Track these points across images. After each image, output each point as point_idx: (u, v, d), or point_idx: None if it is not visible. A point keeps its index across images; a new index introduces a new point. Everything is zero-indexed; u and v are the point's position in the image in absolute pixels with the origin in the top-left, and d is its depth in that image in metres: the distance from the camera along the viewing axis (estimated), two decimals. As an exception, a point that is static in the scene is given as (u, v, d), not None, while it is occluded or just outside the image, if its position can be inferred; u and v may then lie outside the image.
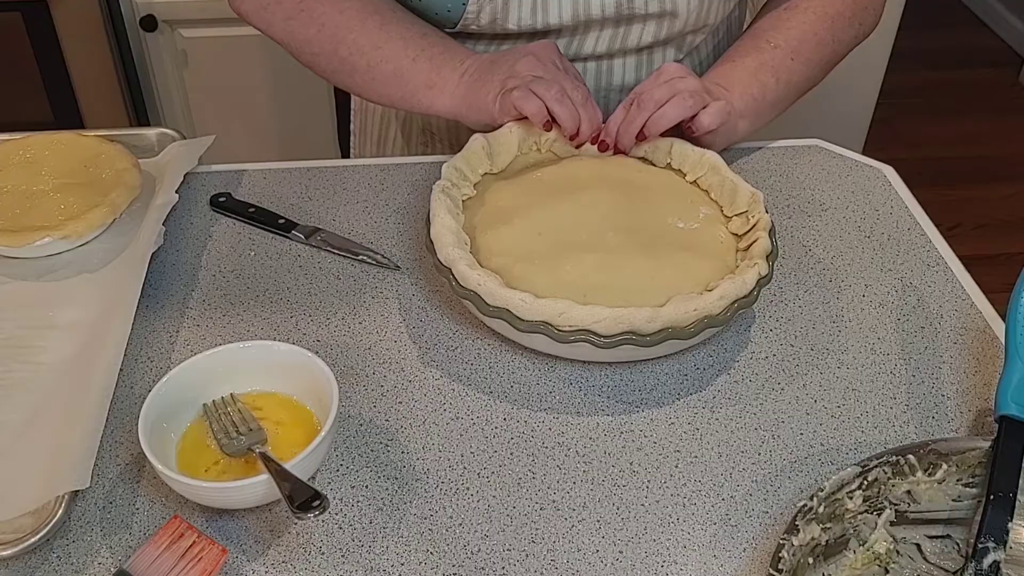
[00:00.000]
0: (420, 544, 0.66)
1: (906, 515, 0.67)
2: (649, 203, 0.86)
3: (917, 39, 3.00)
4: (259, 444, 0.68)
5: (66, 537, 0.66)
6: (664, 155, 0.91)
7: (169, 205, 0.90)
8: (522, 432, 0.74)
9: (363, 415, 0.75)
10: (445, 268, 0.79)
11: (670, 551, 0.66)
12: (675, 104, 0.87)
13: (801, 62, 0.97)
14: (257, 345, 0.74)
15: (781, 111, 1.00)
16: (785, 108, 1.01)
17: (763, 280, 0.78)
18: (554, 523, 0.68)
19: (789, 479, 0.71)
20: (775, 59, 0.96)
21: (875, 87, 2.17)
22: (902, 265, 0.90)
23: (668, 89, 0.88)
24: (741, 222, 0.84)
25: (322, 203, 0.97)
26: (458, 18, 0.94)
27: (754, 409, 0.76)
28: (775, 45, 0.96)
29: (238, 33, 1.86)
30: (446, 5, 0.93)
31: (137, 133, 1.03)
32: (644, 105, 0.88)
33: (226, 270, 0.89)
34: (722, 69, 0.97)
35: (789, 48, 0.96)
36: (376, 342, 0.81)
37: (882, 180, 1.01)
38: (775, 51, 0.96)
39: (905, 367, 0.80)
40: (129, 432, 0.73)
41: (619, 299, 0.75)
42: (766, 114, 0.97)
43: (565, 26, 0.95)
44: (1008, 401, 0.68)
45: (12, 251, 0.87)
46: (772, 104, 0.97)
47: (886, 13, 1.84)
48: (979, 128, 2.95)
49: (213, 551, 0.62)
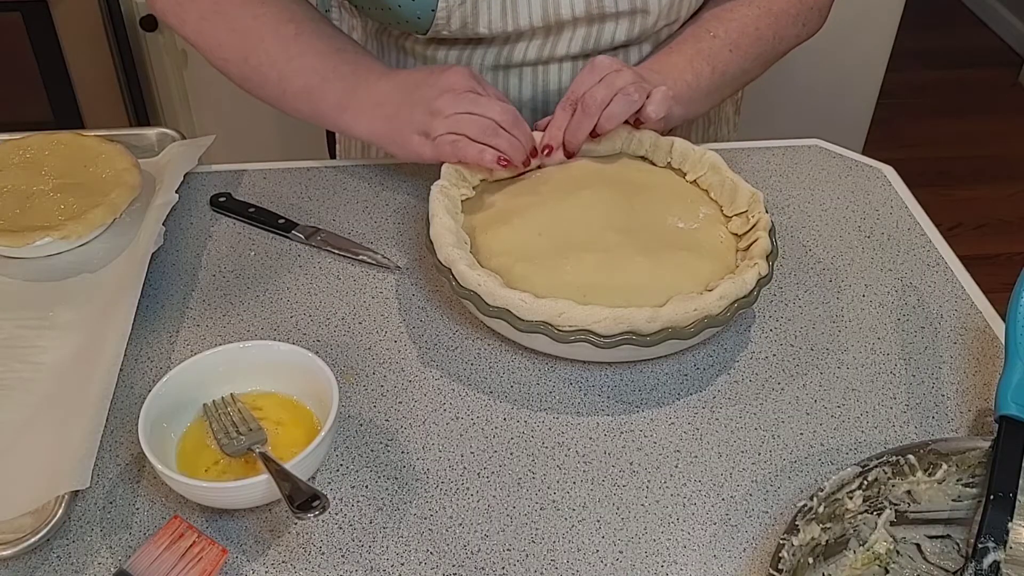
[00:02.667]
0: (420, 544, 0.66)
1: (906, 515, 0.67)
2: (649, 203, 0.86)
3: (917, 39, 3.00)
4: (259, 444, 0.68)
5: (66, 537, 0.66)
6: (664, 154, 0.91)
7: (169, 205, 0.90)
8: (522, 432, 0.74)
9: (363, 415, 0.75)
10: (445, 268, 0.79)
11: (670, 551, 0.66)
12: (620, 102, 0.86)
13: (739, 54, 0.96)
14: (257, 345, 0.74)
15: (717, 102, 0.99)
16: (721, 100, 1.00)
17: (763, 280, 0.78)
18: (554, 523, 0.68)
19: (789, 479, 0.71)
20: (712, 48, 0.95)
21: (875, 87, 2.17)
22: (902, 265, 0.90)
23: (607, 88, 0.86)
24: (741, 222, 0.84)
25: (322, 203, 0.97)
26: (428, 25, 0.92)
27: (754, 409, 0.76)
28: (714, 35, 0.96)
29: (238, 33, 1.86)
30: (415, 12, 0.91)
31: (137, 133, 1.03)
32: (589, 110, 0.86)
33: (226, 270, 0.89)
34: (658, 56, 0.96)
35: (728, 39, 0.96)
36: (376, 342, 0.81)
37: (882, 180, 1.01)
38: (713, 40, 0.95)
39: (905, 367, 0.80)
40: (129, 432, 0.73)
41: (619, 299, 0.75)
42: (700, 102, 0.96)
43: (536, 28, 0.94)
44: (1008, 401, 0.68)
45: (12, 251, 0.87)
46: (707, 93, 0.95)
47: (886, 13, 1.84)
48: (979, 128, 2.95)
49: (213, 551, 0.62)
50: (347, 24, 1.09)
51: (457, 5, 0.91)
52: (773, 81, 2.06)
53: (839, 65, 2.08)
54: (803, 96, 2.12)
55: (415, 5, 0.91)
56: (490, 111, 0.85)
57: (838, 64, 2.08)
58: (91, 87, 1.92)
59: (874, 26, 2.06)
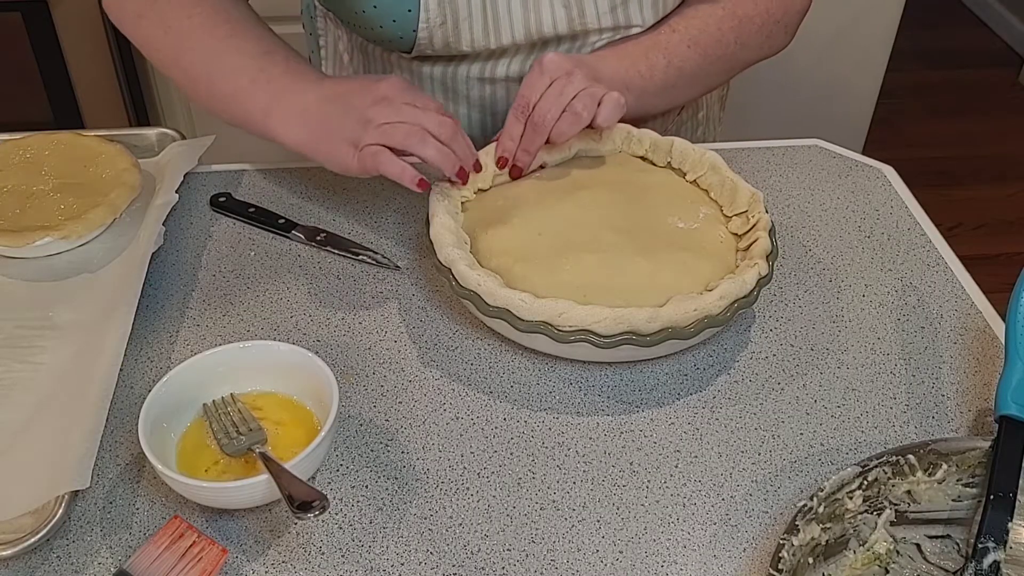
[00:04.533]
0: (420, 544, 0.66)
1: (906, 515, 0.67)
2: (649, 203, 0.86)
3: (917, 39, 3.01)
4: (259, 444, 0.68)
5: (66, 537, 0.66)
6: (664, 154, 0.91)
7: (169, 205, 0.90)
8: (522, 432, 0.74)
9: (363, 415, 0.75)
10: (445, 268, 0.79)
11: (670, 551, 0.66)
12: (568, 120, 0.84)
13: (697, 52, 0.95)
14: (257, 345, 0.74)
15: (674, 101, 0.99)
16: (679, 99, 0.99)
17: (763, 280, 0.78)
18: (554, 523, 0.68)
19: (789, 479, 0.71)
20: (670, 42, 0.94)
21: (875, 87, 2.17)
22: (902, 265, 0.90)
23: (558, 99, 0.84)
24: (741, 222, 0.84)
25: (322, 203, 0.97)
26: (411, 45, 0.92)
27: (754, 409, 0.76)
28: (674, 30, 0.95)
29: (238, 33, 1.86)
30: (397, 33, 0.91)
31: (137, 133, 1.03)
32: (539, 128, 0.84)
33: (226, 270, 0.89)
34: (614, 45, 0.95)
35: (688, 35, 0.94)
36: (376, 342, 0.81)
37: (882, 180, 1.01)
38: (672, 35, 0.94)
39: (905, 367, 0.80)
40: (129, 432, 0.73)
41: (619, 299, 0.75)
42: (654, 95, 0.94)
43: (520, 44, 0.94)
44: (1008, 401, 0.68)
45: (12, 251, 0.87)
46: (661, 87, 0.94)
47: (886, 13, 1.84)
48: (979, 128, 2.95)
49: (213, 551, 0.62)
50: (332, 35, 1.08)
51: (438, 25, 0.90)
52: (773, 81, 2.06)
53: (839, 65, 2.08)
54: (803, 96, 2.12)
55: (396, 26, 0.90)
56: (425, 121, 0.81)
57: (838, 64, 2.08)
58: (91, 87, 1.92)
59: (874, 26, 2.06)
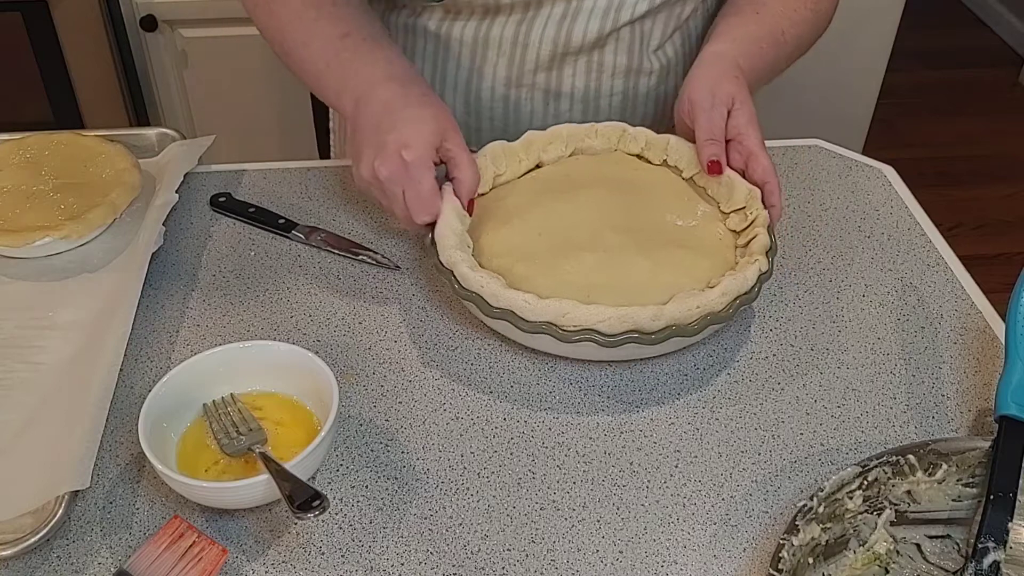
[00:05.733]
0: (420, 544, 0.66)
1: (906, 515, 0.66)
2: (647, 201, 0.86)
3: (917, 39, 3.00)
4: (259, 444, 0.68)
5: (66, 537, 0.66)
6: (660, 152, 0.91)
7: (169, 205, 0.90)
8: (522, 432, 0.74)
9: (363, 415, 0.75)
10: (446, 270, 0.78)
11: (670, 551, 0.66)
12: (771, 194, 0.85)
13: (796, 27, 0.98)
14: (257, 345, 0.74)
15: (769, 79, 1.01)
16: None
17: (764, 276, 0.78)
18: (554, 523, 0.68)
19: (789, 479, 0.71)
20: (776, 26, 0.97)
21: (875, 87, 2.17)
22: (902, 265, 0.90)
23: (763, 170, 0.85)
24: (739, 218, 0.84)
25: (322, 203, 0.97)
26: None
27: (754, 409, 0.76)
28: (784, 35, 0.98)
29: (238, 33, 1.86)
30: None
31: (137, 133, 1.03)
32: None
33: (226, 270, 0.89)
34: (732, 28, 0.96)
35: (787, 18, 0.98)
36: (376, 342, 0.81)
37: (882, 180, 1.01)
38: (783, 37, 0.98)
39: (905, 367, 0.80)
40: (129, 432, 0.73)
41: (620, 298, 0.75)
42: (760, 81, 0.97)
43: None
44: (1008, 401, 0.68)
45: (12, 251, 0.87)
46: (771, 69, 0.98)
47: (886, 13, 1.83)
48: (979, 128, 2.95)
49: (213, 551, 0.62)
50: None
51: None
52: (773, 81, 2.06)
53: (839, 65, 2.08)
54: (803, 96, 2.12)
55: None
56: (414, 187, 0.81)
57: (838, 64, 2.08)
58: (91, 87, 1.92)
59: (874, 26, 2.06)
